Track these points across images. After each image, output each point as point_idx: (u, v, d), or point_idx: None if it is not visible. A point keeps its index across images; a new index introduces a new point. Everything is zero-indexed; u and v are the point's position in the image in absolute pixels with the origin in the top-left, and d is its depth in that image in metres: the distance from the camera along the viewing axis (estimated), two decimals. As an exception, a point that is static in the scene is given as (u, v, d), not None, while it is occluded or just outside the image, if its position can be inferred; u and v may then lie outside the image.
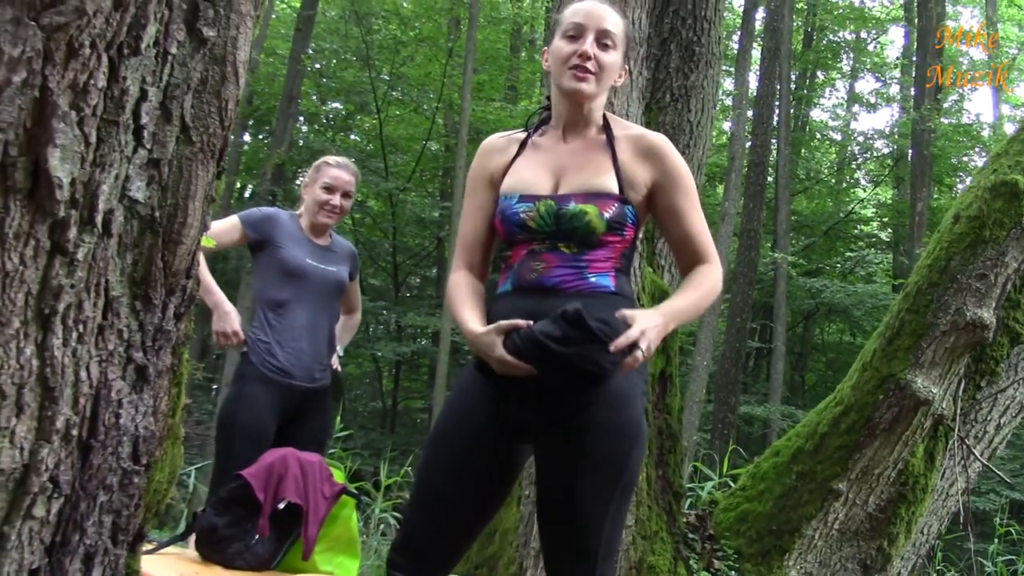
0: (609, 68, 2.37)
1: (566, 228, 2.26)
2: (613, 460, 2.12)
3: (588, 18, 2.36)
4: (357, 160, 19.73)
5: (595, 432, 2.12)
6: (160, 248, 1.45)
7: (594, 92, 2.36)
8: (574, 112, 2.39)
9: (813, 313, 22.07)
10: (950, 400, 4.04)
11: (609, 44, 2.37)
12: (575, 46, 2.33)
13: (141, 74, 1.36)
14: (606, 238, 2.25)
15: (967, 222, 3.98)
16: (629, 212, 2.27)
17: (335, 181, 3.95)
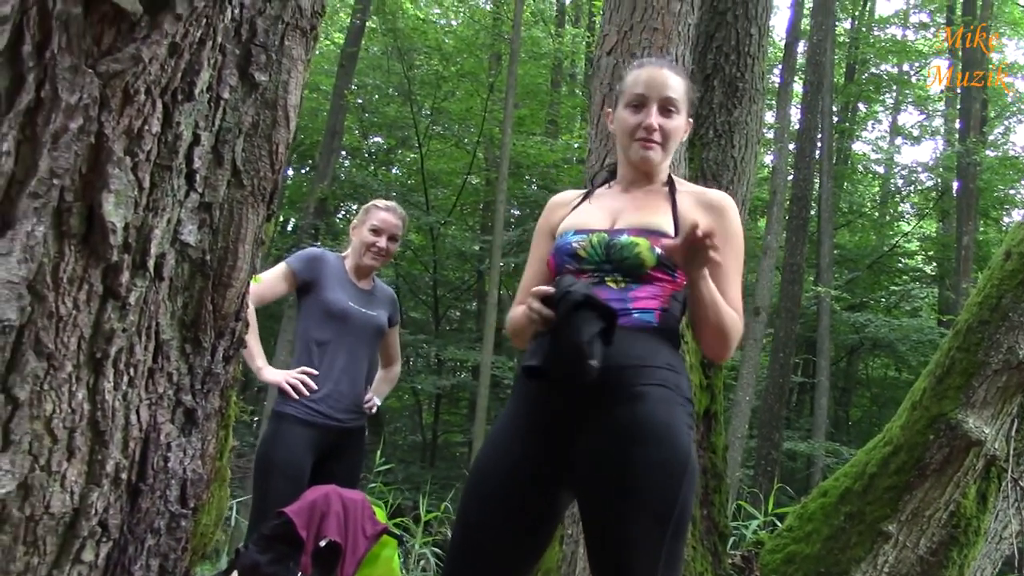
0: (674, 133, 2.45)
1: (616, 258, 2.28)
2: (660, 499, 2.04)
3: (650, 88, 2.42)
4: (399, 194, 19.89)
5: (639, 470, 2.05)
6: (210, 291, 1.45)
7: (660, 159, 2.44)
8: (640, 175, 2.46)
9: (857, 348, 21.79)
10: (1003, 441, 3.94)
11: (672, 110, 2.44)
12: (639, 117, 2.41)
13: (194, 119, 1.37)
14: (655, 274, 2.25)
15: (1018, 259, 3.90)
16: None
17: (383, 224, 3.99)
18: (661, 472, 2.05)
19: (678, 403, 2.13)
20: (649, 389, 2.12)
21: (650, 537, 2.04)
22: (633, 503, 2.05)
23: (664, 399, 2.12)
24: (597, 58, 4.37)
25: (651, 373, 2.14)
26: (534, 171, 19.76)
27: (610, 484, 2.08)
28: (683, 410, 2.14)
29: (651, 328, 2.22)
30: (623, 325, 2.19)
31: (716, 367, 4.13)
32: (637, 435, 2.07)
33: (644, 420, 2.08)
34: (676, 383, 2.17)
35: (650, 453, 2.06)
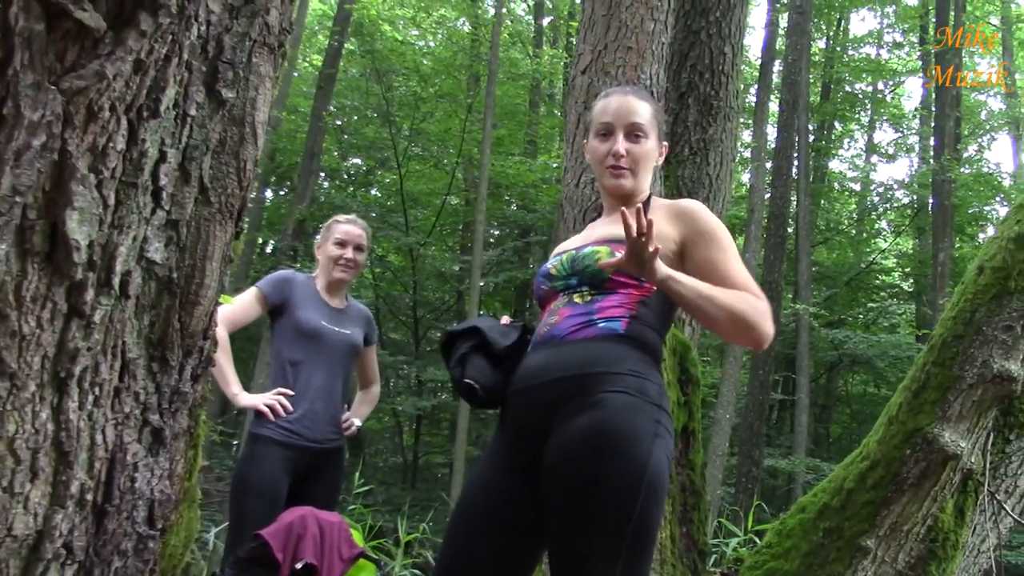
0: (644, 157, 2.48)
1: (578, 268, 2.31)
2: (614, 512, 1.97)
3: (616, 116, 2.46)
4: (378, 215, 19.89)
5: (591, 482, 1.99)
6: (177, 309, 1.44)
7: (632, 185, 2.47)
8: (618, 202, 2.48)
9: (836, 364, 21.89)
10: (979, 454, 3.95)
11: (640, 135, 2.48)
12: (607, 145, 2.46)
13: (160, 136, 1.36)
14: (619, 280, 2.24)
15: (991, 273, 3.92)
16: None
17: (346, 236, 3.99)
18: (614, 483, 1.97)
19: (642, 409, 2.06)
20: (609, 396, 2.07)
21: (604, 552, 1.97)
22: (585, 516, 1.99)
23: (625, 406, 2.05)
24: (572, 77, 4.38)
25: (614, 380, 2.10)
26: (513, 191, 19.81)
27: (563, 497, 2.03)
28: (647, 416, 2.06)
29: (616, 335, 2.20)
30: (588, 337, 2.20)
31: (694, 384, 4.13)
32: (591, 445, 2.01)
33: (598, 429, 2.02)
34: (640, 388, 2.10)
35: (603, 464, 1.99)
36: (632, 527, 1.97)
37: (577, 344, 2.20)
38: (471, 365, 2.33)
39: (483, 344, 2.36)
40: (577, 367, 2.14)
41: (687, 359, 4.11)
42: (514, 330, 2.44)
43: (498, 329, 2.42)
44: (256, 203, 19.77)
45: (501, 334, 2.40)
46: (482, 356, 2.34)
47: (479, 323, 2.42)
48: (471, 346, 2.36)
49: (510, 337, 2.39)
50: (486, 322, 2.45)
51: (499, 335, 2.38)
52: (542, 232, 18.57)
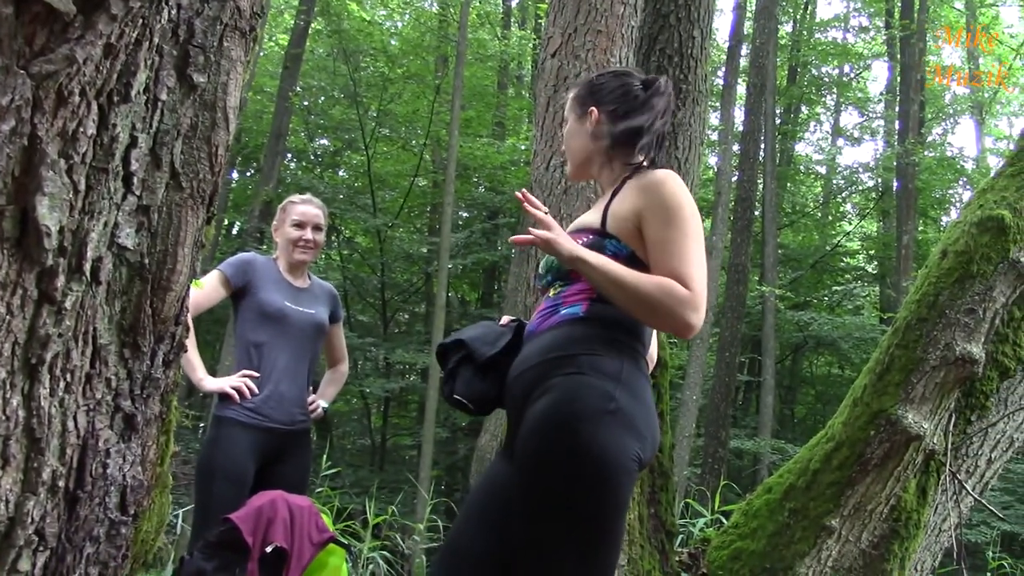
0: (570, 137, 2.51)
1: (549, 266, 2.37)
2: (558, 495, 1.95)
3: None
4: (345, 197, 19.79)
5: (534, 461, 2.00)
6: (149, 295, 1.43)
7: (573, 171, 2.53)
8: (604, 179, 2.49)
9: (802, 346, 22.11)
10: (941, 435, 4.02)
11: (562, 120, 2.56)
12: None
13: (131, 121, 1.35)
14: None
15: (954, 257, 3.98)
16: (610, 244, 2.24)
17: (303, 216, 3.96)
18: (557, 465, 1.96)
19: (594, 388, 2.02)
20: (562, 379, 2.06)
21: (553, 532, 1.95)
22: (535, 496, 1.99)
23: (575, 388, 2.03)
24: (542, 60, 4.38)
25: (566, 361, 2.09)
26: (481, 173, 19.79)
27: (519, 482, 2.04)
28: (597, 393, 2.02)
29: (576, 318, 2.21)
30: (552, 325, 2.24)
31: (661, 366, 4.16)
32: (537, 429, 2.01)
33: (544, 413, 2.02)
34: (595, 365, 2.07)
35: (547, 445, 1.98)
36: (580, 510, 1.95)
37: (543, 334, 2.23)
38: (460, 380, 2.36)
39: (469, 356, 2.37)
40: (539, 355, 2.16)
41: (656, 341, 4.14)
42: (508, 332, 2.44)
43: (488, 336, 2.42)
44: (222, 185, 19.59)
45: (489, 342, 2.39)
46: (470, 368, 2.36)
47: (466, 334, 2.43)
48: (458, 359, 2.38)
49: (500, 342, 2.38)
50: (476, 331, 2.45)
51: (485, 344, 2.38)
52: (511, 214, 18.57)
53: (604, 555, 2.00)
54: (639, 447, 2.03)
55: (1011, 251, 3.93)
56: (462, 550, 2.24)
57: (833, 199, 25.28)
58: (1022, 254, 3.94)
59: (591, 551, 1.97)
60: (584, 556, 1.97)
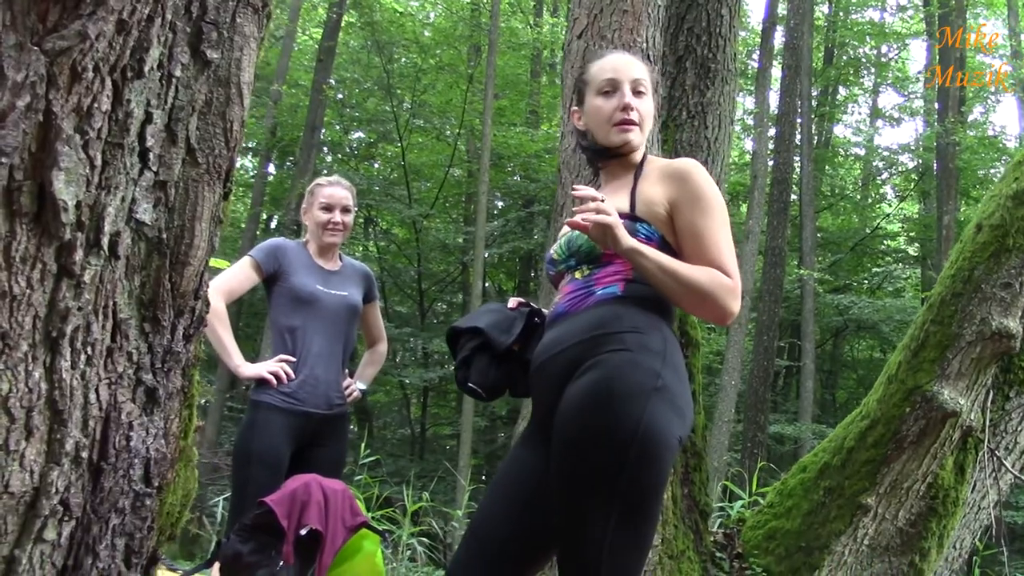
0: (648, 114, 2.48)
1: (574, 249, 2.35)
2: (601, 473, 1.97)
3: (618, 71, 2.44)
4: (380, 188, 19.88)
5: (579, 443, 2.01)
6: (168, 270, 1.45)
7: (639, 141, 2.45)
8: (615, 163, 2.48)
9: (842, 330, 21.91)
10: (978, 411, 3.97)
11: (643, 91, 2.47)
12: (614, 101, 2.42)
13: (146, 97, 1.37)
14: (611, 252, 2.24)
15: (990, 231, 3.93)
16: (642, 228, 2.26)
17: (330, 199, 3.96)
18: (603, 441, 1.97)
19: (641, 365, 2.04)
20: (607, 356, 2.07)
21: (593, 511, 1.97)
22: (577, 472, 2.00)
23: (621, 365, 2.05)
24: (568, 42, 4.37)
25: (611, 339, 2.10)
26: (516, 161, 19.77)
27: (559, 455, 2.05)
28: (645, 371, 2.04)
29: (614, 298, 2.22)
30: (589, 305, 2.24)
31: (693, 348, 4.14)
32: (585, 404, 2.02)
33: (593, 388, 2.03)
34: (641, 343, 2.09)
35: (593, 421, 1.99)
36: (623, 485, 1.96)
37: (580, 314, 2.23)
38: (475, 368, 2.37)
39: (486, 344, 2.38)
40: (580, 333, 2.16)
41: (686, 322, 4.12)
42: (520, 317, 2.45)
43: (502, 323, 2.43)
44: (259, 178, 19.77)
45: (504, 329, 2.41)
46: (485, 356, 2.38)
47: (481, 321, 2.43)
48: (474, 347, 2.39)
49: (514, 330, 2.41)
50: (490, 317, 2.46)
51: (501, 332, 2.40)
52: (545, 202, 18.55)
53: (644, 532, 2.02)
54: (681, 425, 2.07)
55: (1048, 223, 3.87)
56: (487, 535, 2.25)
57: (872, 181, 24.98)
58: (1059, 226, 3.88)
59: (631, 528, 1.99)
60: (624, 532, 1.97)
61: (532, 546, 2.25)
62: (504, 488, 2.30)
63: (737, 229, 15.93)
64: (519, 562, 2.25)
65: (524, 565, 2.27)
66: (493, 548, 2.23)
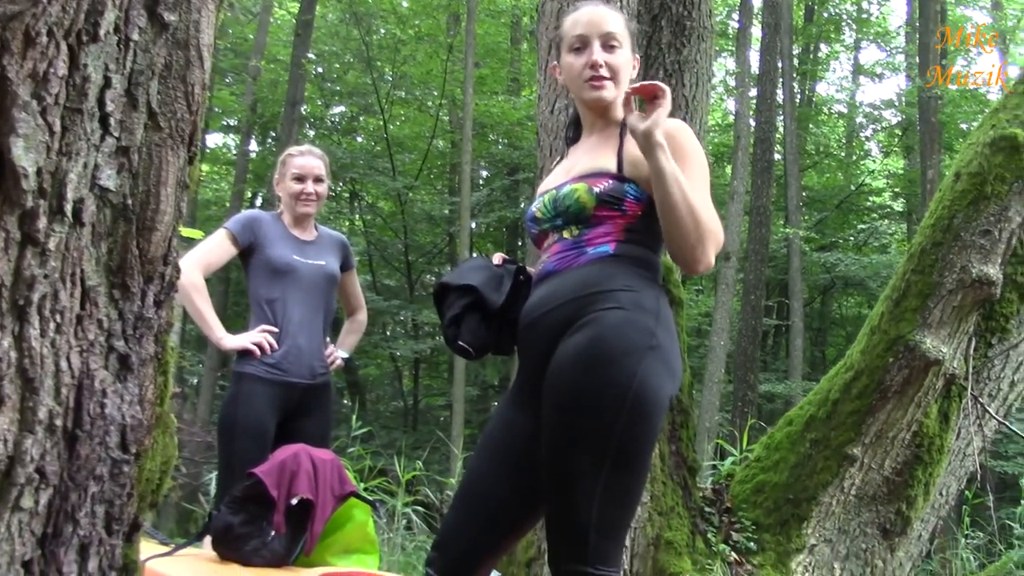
0: (621, 68, 2.44)
1: (561, 208, 2.32)
2: (595, 427, 1.99)
3: (589, 26, 2.42)
4: (364, 161, 19.79)
5: (573, 398, 2.02)
6: (135, 236, 1.45)
7: (613, 95, 2.42)
8: (596, 117, 2.48)
9: (830, 288, 21.99)
10: (961, 359, 4.00)
11: (615, 44, 2.43)
12: (584, 58, 2.41)
13: (103, 61, 1.36)
14: (601, 213, 2.25)
15: (968, 179, 3.94)
16: (631, 189, 2.26)
17: (303, 169, 3.95)
18: (597, 398, 2.00)
19: (635, 323, 2.07)
20: (602, 314, 2.08)
21: (586, 468, 1.99)
22: (568, 431, 2.02)
23: (617, 323, 2.06)
24: (542, 3, 4.35)
25: (606, 296, 2.11)
26: (499, 130, 19.70)
27: (551, 413, 2.07)
28: (640, 329, 2.06)
29: (607, 256, 2.22)
30: (580, 263, 2.23)
31: (677, 306, 4.15)
32: (579, 362, 2.04)
33: (587, 346, 2.04)
34: (635, 301, 2.11)
35: (588, 379, 2.01)
36: (615, 443, 1.98)
37: (571, 272, 2.22)
38: (465, 327, 2.35)
39: (478, 302, 2.36)
40: (572, 291, 2.16)
41: (669, 280, 4.13)
42: (507, 275, 2.43)
43: (492, 281, 2.41)
44: (241, 155, 19.66)
45: (494, 287, 2.39)
46: (476, 315, 2.36)
47: (474, 279, 2.40)
48: (465, 305, 2.36)
49: (504, 288, 2.39)
50: (479, 274, 2.43)
51: (492, 290, 2.38)
52: (530, 170, 18.50)
53: (633, 489, 2.06)
54: (672, 384, 2.10)
55: (1025, 170, 3.88)
56: (477, 497, 2.27)
57: (856, 138, 24.97)
58: (1037, 172, 3.89)
59: (622, 484, 2.02)
60: (615, 489, 2.01)
61: (522, 506, 2.26)
62: (492, 450, 2.31)
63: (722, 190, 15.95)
64: (509, 522, 2.27)
65: (514, 525, 2.30)
66: (483, 510, 2.24)
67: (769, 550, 3.98)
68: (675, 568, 3.73)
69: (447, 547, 2.25)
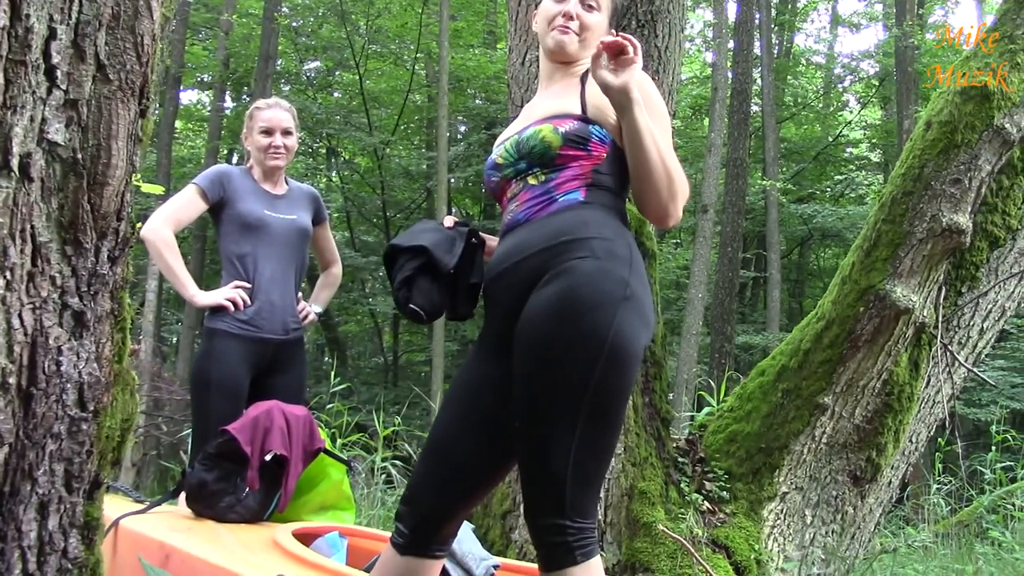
0: (593, 29, 2.42)
1: (524, 151, 2.28)
2: (572, 376, 1.97)
3: None
4: (340, 117, 19.62)
5: (550, 347, 2.00)
6: (86, 191, 1.42)
7: (576, 50, 2.41)
8: (556, 69, 2.45)
9: (807, 239, 22.09)
10: (931, 308, 4.03)
11: (593, 6, 2.42)
12: (561, 7, 2.39)
13: (48, 12, 1.33)
14: (567, 152, 2.22)
15: (938, 128, 3.93)
16: (596, 131, 2.24)
17: (270, 123, 3.90)
18: (574, 350, 1.98)
19: (609, 273, 2.04)
20: (575, 263, 2.06)
21: (558, 417, 1.99)
22: (543, 382, 2.00)
23: (591, 272, 2.04)
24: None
25: (578, 245, 2.09)
26: (475, 84, 19.54)
27: (524, 363, 2.05)
28: (614, 280, 2.04)
29: (577, 203, 2.19)
30: (550, 212, 2.20)
31: (650, 258, 4.15)
32: (553, 312, 2.02)
33: (562, 296, 2.02)
34: (608, 250, 2.09)
35: (563, 330, 1.99)
36: (591, 393, 1.98)
37: (541, 221, 2.19)
38: (417, 289, 2.32)
39: (429, 264, 2.33)
40: (544, 241, 2.13)
41: (642, 233, 4.13)
42: (459, 238, 2.41)
43: (443, 243, 2.38)
44: (215, 112, 19.44)
45: (446, 249, 2.36)
46: (428, 278, 2.33)
47: (425, 240, 2.36)
48: (416, 267, 2.33)
49: (456, 250, 2.37)
50: (431, 236, 2.39)
51: (445, 252, 2.35)
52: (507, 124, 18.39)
53: (608, 439, 2.06)
54: (646, 334, 2.08)
55: (995, 118, 3.89)
56: (446, 451, 2.25)
57: (834, 89, 24.94)
58: (1007, 121, 3.90)
59: (597, 435, 2.02)
60: (590, 440, 2.00)
61: (491, 458, 2.26)
62: (459, 401, 2.29)
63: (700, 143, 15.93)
64: (479, 475, 2.26)
65: (484, 477, 2.28)
66: (451, 463, 2.23)
67: (741, 499, 4.03)
68: (648, 517, 3.76)
69: (417, 501, 2.25)
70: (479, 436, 2.23)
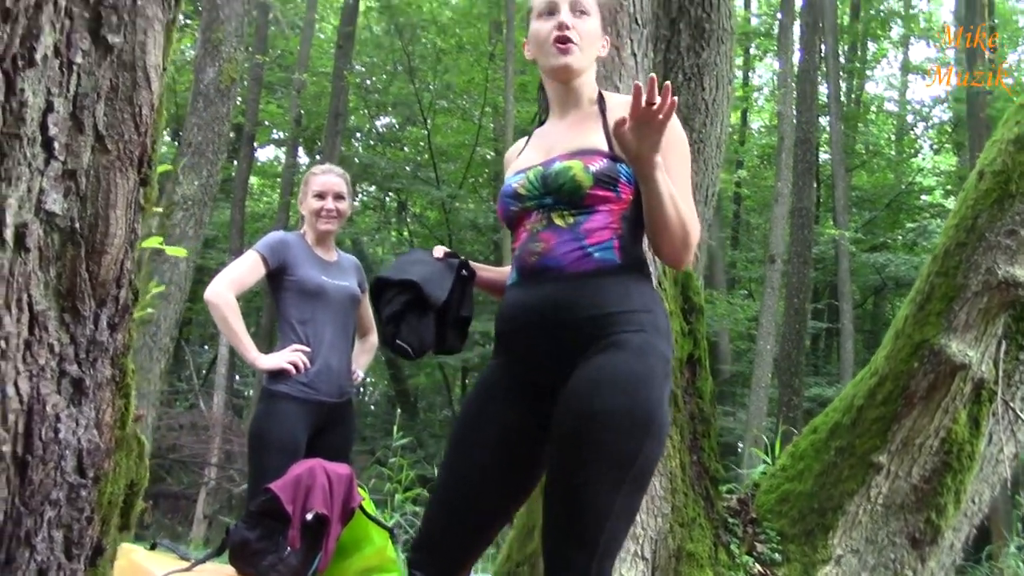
0: (589, 36, 2.37)
1: (553, 187, 2.23)
2: (621, 449, 2.01)
3: None
4: (409, 170, 19.91)
5: (602, 419, 2.02)
6: (84, 259, 1.44)
7: (580, 63, 2.35)
8: (565, 91, 2.40)
9: (881, 289, 21.64)
10: (990, 363, 3.88)
11: (584, 11, 2.36)
12: (552, 22, 2.33)
13: (44, 85, 1.36)
14: (596, 193, 2.19)
15: (992, 177, 3.82)
16: (623, 170, 2.20)
17: (323, 187, 4.02)
18: (624, 423, 2.01)
19: (657, 349, 2.10)
20: (627, 337, 2.09)
21: (606, 486, 2.01)
22: (593, 452, 2.01)
23: (641, 347, 2.08)
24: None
25: (627, 319, 2.11)
26: (540, 137, 19.64)
27: (574, 432, 2.05)
28: (659, 355, 2.10)
29: (615, 267, 2.17)
30: (588, 271, 2.17)
31: (697, 313, 4.09)
32: (605, 384, 2.04)
33: (615, 370, 2.05)
34: (654, 324, 2.13)
35: (616, 403, 2.02)
36: (637, 465, 2.02)
37: (580, 281, 2.17)
38: (406, 325, 2.31)
39: (419, 299, 2.32)
40: (591, 308, 2.13)
41: (689, 287, 4.07)
42: (449, 272, 2.40)
43: (433, 276, 2.37)
44: (287, 168, 19.87)
45: (437, 284, 2.35)
46: (416, 313, 2.32)
47: (415, 274, 2.35)
48: (405, 302, 2.32)
49: (446, 284, 2.36)
50: (420, 270, 2.38)
51: (435, 287, 2.34)
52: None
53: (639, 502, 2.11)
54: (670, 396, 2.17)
55: (1052, 167, 3.76)
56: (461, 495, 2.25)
57: (907, 136, 24.57)
58: (1064, 169, 3.77)
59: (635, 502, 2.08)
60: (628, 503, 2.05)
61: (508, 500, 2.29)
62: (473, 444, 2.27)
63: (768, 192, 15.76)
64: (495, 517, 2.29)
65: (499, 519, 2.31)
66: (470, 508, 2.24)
67: (795, 561, 3.90)
68: (696, 580, 3.66)
69: (435, 547, 2.23)
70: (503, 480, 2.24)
